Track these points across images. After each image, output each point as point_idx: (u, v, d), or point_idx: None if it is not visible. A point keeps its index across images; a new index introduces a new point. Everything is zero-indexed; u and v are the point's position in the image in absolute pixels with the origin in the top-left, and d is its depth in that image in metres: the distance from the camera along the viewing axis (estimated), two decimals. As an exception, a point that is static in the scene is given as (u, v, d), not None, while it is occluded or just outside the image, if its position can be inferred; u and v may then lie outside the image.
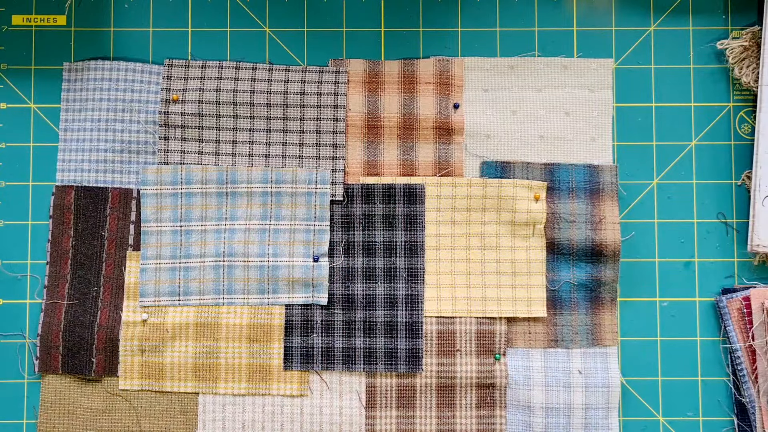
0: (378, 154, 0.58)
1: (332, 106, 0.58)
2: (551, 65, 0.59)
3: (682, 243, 0.58)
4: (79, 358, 0.57)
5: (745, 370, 0.56)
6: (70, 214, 0.58)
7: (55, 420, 0.57)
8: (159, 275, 0.57)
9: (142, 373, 0.57)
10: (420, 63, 0.59)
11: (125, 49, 0.60)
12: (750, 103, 0.59)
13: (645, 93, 0.59)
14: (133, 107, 0.58)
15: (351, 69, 0.59)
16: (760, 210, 0.56)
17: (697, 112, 0.59)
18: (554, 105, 0.59)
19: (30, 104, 0.59)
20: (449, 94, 0.58)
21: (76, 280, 0.58)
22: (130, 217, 0.58)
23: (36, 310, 0.58)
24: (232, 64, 0.59)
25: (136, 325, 0.57)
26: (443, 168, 0.58)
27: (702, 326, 0.58)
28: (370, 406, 0.56)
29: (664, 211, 0.58)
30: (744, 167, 0.58)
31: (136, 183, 0.58)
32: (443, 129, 0.58)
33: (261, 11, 0.60)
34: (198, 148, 0.58)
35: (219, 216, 0.58)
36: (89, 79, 0.59)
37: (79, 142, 0.59)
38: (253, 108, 0.58)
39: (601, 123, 0.59)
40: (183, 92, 0.58)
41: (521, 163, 0.58)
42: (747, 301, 0.56)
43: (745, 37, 0.58)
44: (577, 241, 0.57)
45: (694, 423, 0.57)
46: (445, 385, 0.56)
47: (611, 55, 0.59)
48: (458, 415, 0.56)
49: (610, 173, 0.58)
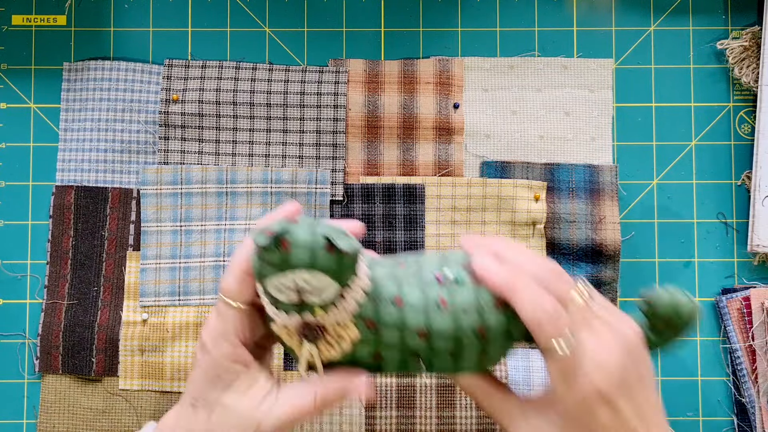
0: (378, 154, 0.58)
1: (332, 106, 0.58)
2: (551, 65, 0.59)
3: (682, 243, 0.58)
4: (79, 358, 0.57)
5: (745, 370, 0.56)
6: (70, 214, 0.58)
7: (55, 420, 0.57)
8: (159, 275, 0.57)
9: (142, 373, 0.57)
10: (420, 63, 0.59)
11: (125, 49, 0.60)
12: (750, 103, 0.59)
13: (645, 93, 0.59)
14: (133, 107, 0.58)
15: (351, 69, 0.59)
16: (760, 210, 0.56)
17: (697, 112, 0.59)
18: (554, 105, 0.59)
19: (30, 104, 0.59)
20: (449, 94, 0.58)
21: (76, 280, 0.58)
22: (130, 217, 0.58)
23: (36, 310, 0.58)
24: (232, 64, 0.59)
25: (136, 325, 0.57)
26: (443, 168, 0.58)
27: (702, 326, 0.58)
28: (370, 406, 0.56)
29: (664, 211, 0.58)
30: (744, 167, 0.58)
31: (136, 183, 0.58)
32: (443, 129, 0.58)
33: (261, 11, 0.60)
34: (198, 148, 0.58)
35: (219, 216, 0.58)
36: (89, 79, 0.59)
37: (79, 142, 0.59)
38: (253, 108, 0.58)
39: (601, 123, 0.59)
40: (183, 92, 0.58)
41: (521, 163, 0.58)
42: (747, 301, 0.56)
43: (745, 37, 0.58)
44: (577, 241, 0.57)
45: (694, 423, 0.57)
46: (445, 385, 0.56)
47: (611, 55, 0.59)
48: (458, 415, 0.56)
49: (610, 173, 0.58)
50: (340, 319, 0.40)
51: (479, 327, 0.40)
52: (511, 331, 0.41)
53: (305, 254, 0.37)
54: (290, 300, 0.38)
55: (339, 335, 0.40)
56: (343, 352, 0.41)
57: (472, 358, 0.41)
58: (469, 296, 0.40)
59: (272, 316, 0.40)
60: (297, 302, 0.38)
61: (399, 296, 0.41)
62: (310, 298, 0.38)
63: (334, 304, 0.39)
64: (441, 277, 0.41)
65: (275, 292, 0.38)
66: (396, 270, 0.42)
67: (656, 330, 0.43)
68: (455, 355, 0.41)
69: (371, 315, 0.40)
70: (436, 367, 0.42)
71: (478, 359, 0.41)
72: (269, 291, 0.38)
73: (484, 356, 0.41)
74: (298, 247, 0.37)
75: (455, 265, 0.42)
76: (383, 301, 0.40)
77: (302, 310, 0.39)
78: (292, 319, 0.40)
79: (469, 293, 0.40)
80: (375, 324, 0.40)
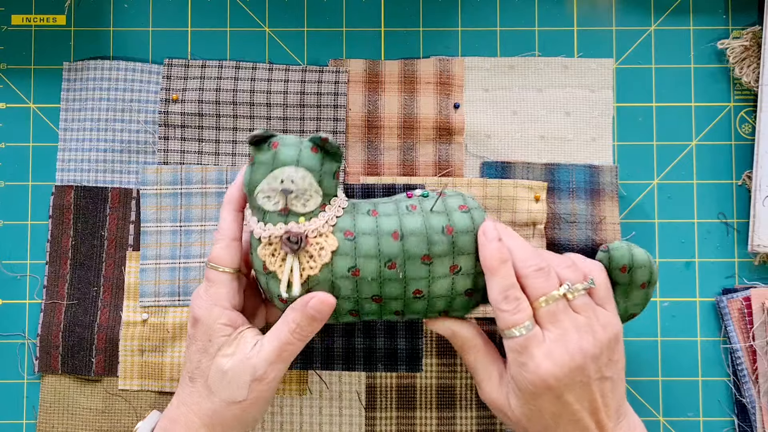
0: (378, 154, 0.58)
1: (332, 105, 0.58)
2: (552, 65, 0.59)
3: (682, 243, 0.58)
4: (78, 358, 0.56)
5: (746, 370, 0.56)
6: (69, 214, 0.58)
7: (54, 420, 0.57)
8: (159, 275, 0.57)
9: (142, 373, 0.56)
10: (420, 63, 0.59)
11: (125, 49, 0.60)
12: (750, 103, 0.59)
13: (645, 93, 0.59)
14: (133, 107, 0.58)
15: (351, 69, 0.59)
16: (760, 210, 0.56)
17: (698, 112, 0.59)
18: (555, 105, 0.59)
19: (29, 104, 0.59)
20: (449, 94, 0.58)
21: (75, 280, 0.58)
22: (129, 217, 0.58)
23: (36, 310, 0.58)
24: (232, 63, 0.59)
25: (136, 325, 0.57)
26: (443, 168, 0.58)
27: (702, 326, 0.58)
28: (369, 407, 0.56)
29: (664, 211, 0.58)
30: (744, 167, 0.58)
31: (136, 183, 0.58)
32: (443, 129, 0.58)
33: (261, 11, 0.60)
34: (198, 148, 0.58)
35: (219, 216, 0.57)
36: (89, 78, 0.59)
37: (78, 142, 0.58)
38: (253, 108, 0.58)
39: (602, 123, 0.59)
40: (183, 92, 0.58)
41: (521, 164, 0.58)
42: (747, 301, 0.56)
43: (745, 36, 0.58)
44: (577, 241, 0.57)
45: (695, 423, 0.57)
46: (445, 385, 0.56)
47: (612, 55, 0.59)
48: (458, 416, 0.56)
49: (610, 173, 0.58)
50: (322, 228, 0.45)
51: (447, 225, 0.45)
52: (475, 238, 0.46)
53: (292, 151, 0.45)
54: (276, 208, 0.44)
55: (320, 246, 0.45)
56: (323, 264, 0.45)
57: (444, 266, 0.45)
58: (436, 203, 0.46)
59: (259, 233, 0.45)
60: (283, 209, 0.44)
61: (374, 210, 0.47)
62: (296, 204, 0.44)
63: (315, 215, 0.45)
64: (411, 194, 0.48)
65: (264, 200, 0.45)
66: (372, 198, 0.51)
67: (620, 285, 0.49)
68: (427, 259, 0.45)
69: (349, 225, 0.45)
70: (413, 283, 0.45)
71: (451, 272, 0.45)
72: (259, 202, 0.45)
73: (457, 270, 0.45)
74: (286, 146, 0.45)
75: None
76: (360, 214, 0.46)
77: (287, 219, 0.45)
78: (277, 230, 0.44)
79: (438, 202, 0.46)
80: (352, 233, 0.45)
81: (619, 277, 0.48)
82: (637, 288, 0.49)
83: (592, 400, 0.44)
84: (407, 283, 0.45)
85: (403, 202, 0.47)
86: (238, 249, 0.47)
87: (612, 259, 0.48)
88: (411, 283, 0.45)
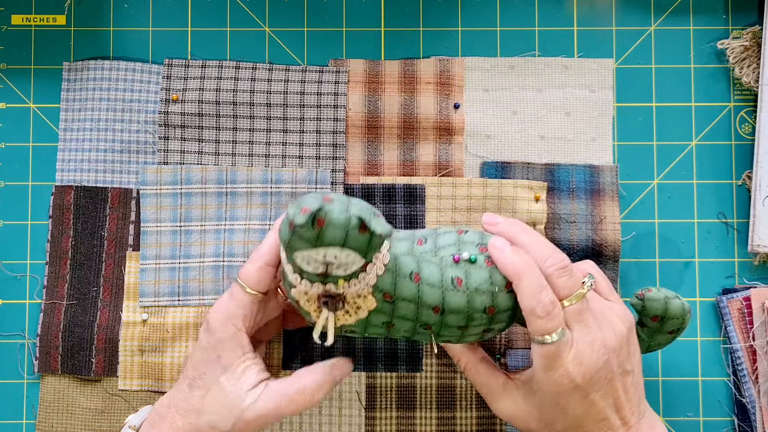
0: (378, 154, 0.58)
1: (332, 106, 0.58)
2: (552, 65, 0.59)
3: (682, 243, 0.58)
4: (78, 358, 0.56)
5: (746, 370, 0.56)
6: (69, 214, 0.58)
7: (54, 420, 0.57)
8: (158, 275, 0.57)
9: (142, 373, 0.56)
10: (420, 63, 0.59)
11: (125, 49, 0.60)
12: (750, 103, 0.59)
13: (645, 93, 0.59)
14: (133, 107, 0.58)
15: (351, 69, 0.59)
16: (760, 210, 0.56)
17: (698, 112, 0.59)
18: (555, 105, 0.59)
19: (29, 104, 0.59)
20: (449, 94, 0.58)
21: (75, 280, 0.58)
22: (129, 217, 0.58)
23: (35, 310, 0.58)
24: (232, 63, 0.59)
25: (135, 325, 0.57)
26: (443, 168, 0.58)
27: (702, 326, 0.58)
28: (369, 407, 0.56)
29: (664, 211, 0.58)
30: (744, 167, 0.58)
31: (136, 183, 0.58)
32: (443, 129, 0.58)
33: (261, 11, 0.60)
34: (198, 148, 0.58)
35: (219, 216, 0.57)
36: (89, 78, 0.59)
37: (78, 142, 0.58)
38: (253, 108, 0.58)
39: (602, 123, 0.59)
40: (183, 92, 0.58)
41: (522, 164, 0.58)
42: (747, 301, 0.56)
43: (745, 36, 0.58)
44: (577, 241, 0.57)
45: (695, 423, 0.57)
46: (445, 385, 0.56)
47: (611, 55, 0.59)
48: (458, 416, 0.56)
49: (610, 173, 0.58)
50: (361, 290, 0.42)
51: (489, 306, 0.43)
52: (515, 310, 0.44)
53: (339, 233, 0.38)
54: (316, 271, 0.40)
55: (357, 305, 0.43)
56: (358, 319, 0.43)
57: (477, 331, 0.45)
58: (483, 277, 0.43)
59: (293, 282, 0.42)
60: (322, 274, 0.40)
61: (417, 273, 0.43)
62: (336, 271, 0.40)
63: (356, 277, 0.41)
64: (458, 258, 0.44)
65: (302, 263, 0.40)
66: (415, 247, 0.46)
67: (647, 328, 0.47)
68: (463, 328, 0.44)
69: (390, 288, 0.43)
70: (443, 337, 0.45)
71: (481, 332, 0.45)
72: (297, 262, 0.40)
73: (488, 331, 0.45)
74: (333, 227, 0.38)
75: (472, 246, 0.45)
76: (402, 276, 0.43)
77: (326, 280, 0.41)
78: (314, 288, 0.42)
79: (484, 274, 0.44)
80: (392, 297, 0.43)
81: (648, 323, 0.48)
82: (664, 333, 0.49)
83: (617, 396, 0.44)
84: (439, 336, 0.45)
85: (450, 269, 0.44)
86: (269, 274, 0.46)
87: (645, 309, 0.48)
88: (442, 337, 0.45)
